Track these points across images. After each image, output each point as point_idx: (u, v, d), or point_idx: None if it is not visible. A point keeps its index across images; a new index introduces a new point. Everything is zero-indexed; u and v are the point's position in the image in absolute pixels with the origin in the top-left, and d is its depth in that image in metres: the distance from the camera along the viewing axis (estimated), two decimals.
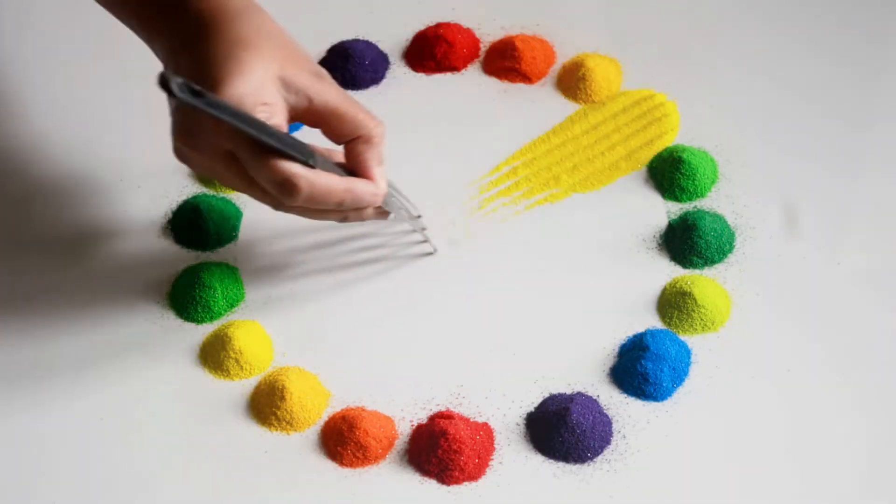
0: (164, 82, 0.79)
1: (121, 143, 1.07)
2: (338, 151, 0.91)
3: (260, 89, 0.86)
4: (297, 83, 0.87)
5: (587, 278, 0.98)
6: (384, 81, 1.09)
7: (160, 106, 1.08)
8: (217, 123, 0.84)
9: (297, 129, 0.99)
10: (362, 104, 0.89)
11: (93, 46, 1.12)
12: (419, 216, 0.98)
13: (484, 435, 0.91)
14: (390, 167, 1.03)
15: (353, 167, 0.90)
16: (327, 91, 0.88)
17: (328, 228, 1.01)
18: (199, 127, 0.85)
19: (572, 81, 1.07)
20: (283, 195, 0.85)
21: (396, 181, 0.96)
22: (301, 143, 0.86)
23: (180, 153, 0.88)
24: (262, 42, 0.87)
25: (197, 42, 0.88)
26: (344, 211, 0.90)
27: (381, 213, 0.93)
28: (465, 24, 1.11)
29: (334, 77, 1.08)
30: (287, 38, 0.89)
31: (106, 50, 1.12)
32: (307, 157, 0.86)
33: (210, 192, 1.04)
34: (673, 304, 0.96)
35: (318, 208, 0.89)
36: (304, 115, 0.88)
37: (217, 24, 0.88)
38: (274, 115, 0.86)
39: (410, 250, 0.99)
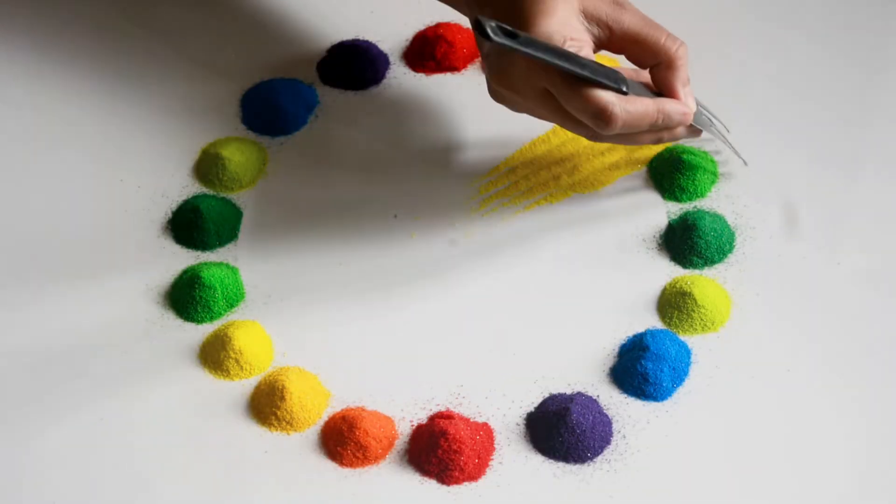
0: (479, 26, 0.84)
1: (121, 143, 1.07)
2: (644, 73, 0.95)
3: (566, 25, 0.90)
4: (597, 13, 0.92)
5: (587, 278, 0.98)
6: (384, 81, 1.09)
7: (160, 106, 1.09)
8: (530, 62, 0.88)
9: None
10: (663, 28, 0.93)
11: (93, 46, 1.12)
12: (728, 132, 1.00)
13: (484, 435, 0.91)
14: (391, 167, 1.03)
15: (659, 89, 0.94)
16: (626, 18, 0.92)
17: (328, 229, 1.01)
18: (513, 67, 0.90)
19: None
20: (599, 125, 0.89)
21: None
22: (613, 71, 0.90)
23: (497, 94, 0.93)
24: None
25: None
26: (657, 132, 0.94)
27: (694, 130, 0.96)
28: (465, 24, 1.11)
29: (335, 77, 1.09)
30: None
31: (106, 50, 1.12)
32: (620, 83, 0.90)
33: (210, 192, 1.04)
34: (673, 304, 0.96)
35: (633, 132, 0.92)
36: (608, 43, 0.93)
37: None
38: (582, 47, 0.90)
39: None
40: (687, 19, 1.11)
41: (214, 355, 0.95)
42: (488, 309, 0.97)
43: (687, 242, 0.98)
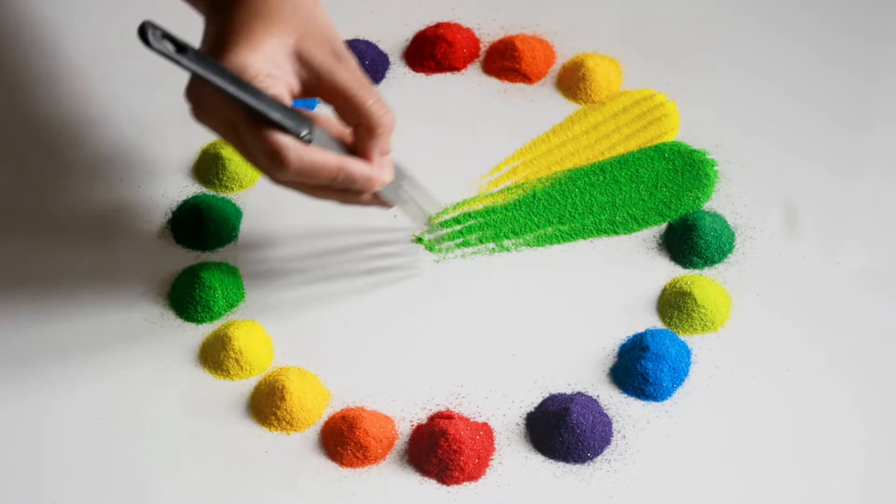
0: (142, 31, 0.80)
1: (121, 143, 1.07)
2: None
3: (267, 60, 0.86)
4: (311, 60, 0.87)
5: (587, 278, 0.98)
6: (384, 81, 1.09)
7: (160, 106, 1.09)
8: (218, 92, 0.85)
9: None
10: (375, 91, 0.88)
11: (93, 46, 1.12)
12: (429, 215, 0.97)
13: (484, 435, 0.91)
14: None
15: (357, 151, 0.90)
16: (339, 72, 0.88)
17: (328, 229, 1.01)
18: (203, 92, 0.86)
19: (572, 81, 1.07)
20: (272, 167, 0.86)
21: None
22: (298, 115, 0.86)
23: (194, 114, 0.88)
24: (284, 15, 0.87)
25: (226, 8, 0.89)
26: (339, 191, 0.90)
27: (380, 201, 0.92)
28: (465, 24, 1.11)
29: None
30: (315, 14, 0.89)
31: (106, 50, 1.12)
32: (301, 128, 0.86)
33: (210, 192, 1.04)
34: (673, 304, 0.96)
35: (311, 183, 0.88)
36: (316, 91, 0.89)
37: None
38: (274, 86, 0.86)
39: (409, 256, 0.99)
40: (687, 20, 1.12)
41: (214, 355, 0.95)
42: (488, 309, 0.97)
43: (687, 242, 0.98)
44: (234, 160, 1.04)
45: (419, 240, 1.00)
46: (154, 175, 1.05)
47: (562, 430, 0.90)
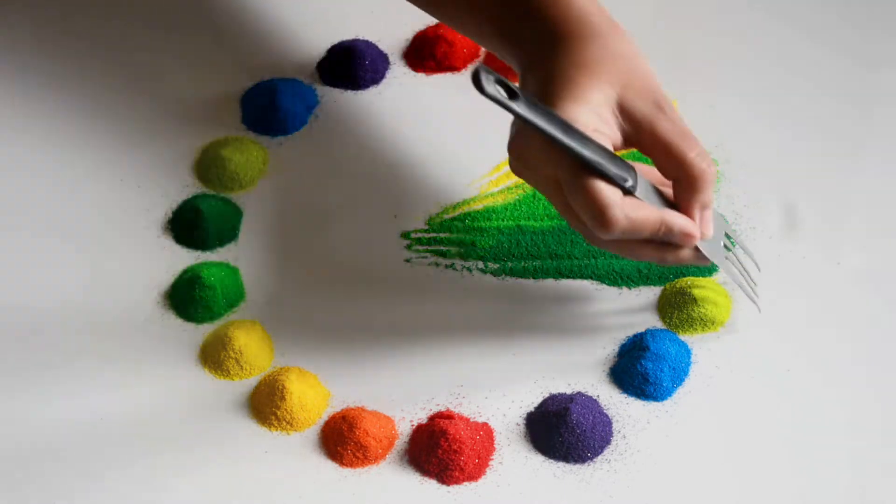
0: (475, 77, 0.79)
1: (121, 142, 1.07)
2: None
3: (592, 114, 0.84)
4: (634, 111, 0.86)
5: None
6: (384, 81, 1.09)
7: (160, 106, 1.09)
8: (546, 144, 0.83)
9: None
10: (697, 143, 0.86)
11: (93, 46, 1.12)
12: (754, 272, 0.95)
13: (484, 435, 0.91)
14: (391, 167, 1.03)
15: (676, 205, 0.88)
16: (661, 123, 0.85)
17: (328, 229, 1.01)
18: (529, 143, 0.84)
19: None
20: (596, 226, 0.84)
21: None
22: (624, 164, 0.84)
23: (514, 169, 0.87)
24: (607, 65, 0.86)
25: (545, 59, 0.87)
26: (659, 249, 0.87)
27: (701, 257, 0.89)
28: None
29: (335, 77, 1.09)
30: (637, 64, 0.88)
31: (107, 49, 1.12)
32: (626, 177, 0.84)
33: (210, 192, 1.04)
34: (673, 304, 0.96)
35: (632, 239, 0.86)
36: (637, 143, 0.87)
37: (568, 43, 0.87)
38: (601, 140, 0.84)
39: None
40: (687, 18, 1.12)
41: (214, 355, 0.95)
42: (488, 309, 0.97)
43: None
44: (234, 160, 1.04)
45: (418, 242, 1.00)
46: (154, 175, 1.05)
47: (562, 430, 0.90)
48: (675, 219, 0.86)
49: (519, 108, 0.81)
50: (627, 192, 0.84)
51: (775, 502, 0.88)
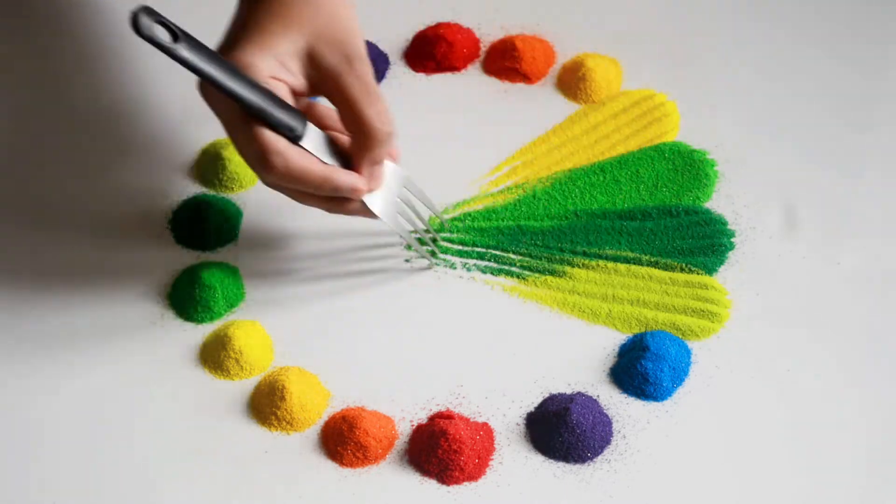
0: (134, 17, 0.79)
1: (121, 143, 1.07)
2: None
3: (271, 62, 0.87)
4: (321, 61, 0.88)
5: None
6: (384, 81, 1.09)
7: (161, 106, 1.09)
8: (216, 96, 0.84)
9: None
10: (379, 100, 0.88)
11: (94, 46, 1.12)
12: (414, 232, 0.96)
13: (484, 435, 0.91)
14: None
15: (351, 158, 0.90)
16: (346, 76, 0.87)
17: (328, 229, 1.01)
18: (207, 94, 0.87)
19: (572, 81, 1.07)
20: (258, 168, 0.86)
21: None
22: (293, 112, 0.85)
23: (205, 100, 0.88)
24: (304, 15, 0.87)
25: (247, 6, 0.89)
26: (324, 199, 0.90)
27: (368, 211, 0.92)
28: (465, 24, 1.11)
29: None
30: (338, 15, 0.89)
31: (107, 49, 1.12)
32: (295, 127, 0.85)
33: (210, 192, 1.04)
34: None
35: (296, 189, 0.88)
36: (324, 93, 0.89)
37: None
38: (276, 87, 0.86)
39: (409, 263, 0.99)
40: (686, 19, 1.12)
41: (214, 355, 0.95)
42: (488, 309, 0.97)
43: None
44: (234, 160, 1.04)
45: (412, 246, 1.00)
46: (154, 175, 1.05)
47: (562, 430, 0.90)
48: (341, 175, 0.88)
49: (179, 51, 0.81)
50: (294, 141, 0.86)
51: (775, 502, 0.88)
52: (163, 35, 0.80)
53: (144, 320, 0.98)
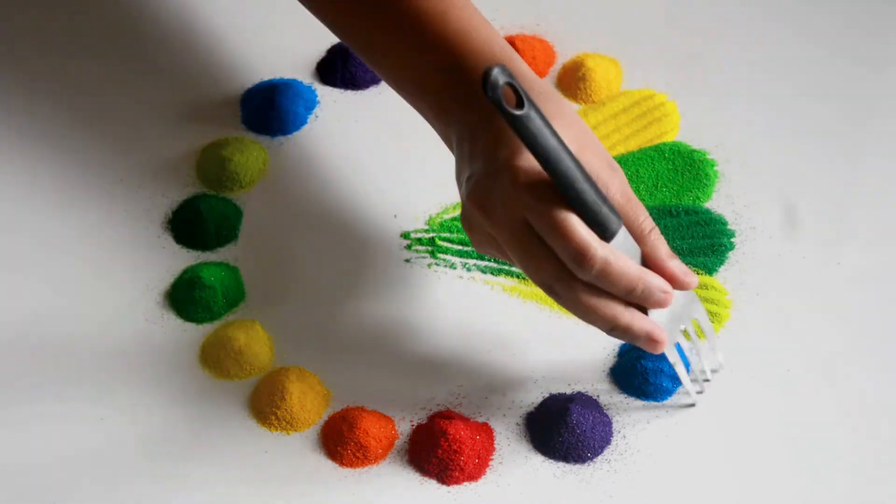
0: (486, 76, 0.74)
1: (121, 142, 1.07)
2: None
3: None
4: (591, 169, 0.83)
5: None
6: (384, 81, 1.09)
7: (161, 106, 1.09)
8: (516, 186, 0.81)
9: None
10: (641, 205, 0.85)
11: (94, 46, 1.12)
12: (699, 389, 0.92)
13: (484, 435, 0.91)
14: (391, 167, 1.03)
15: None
16: (614, 185, 0.84)
17: (328, 228, 1.01)
18: (496, 188, 0.82)
19: (572, 81, 1.07)
20: (574, 264, 0.81)
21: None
22: (613, 209, 0.82)
23: (467, 220, 0.85)
24: (564, 124, 0.83)
25: (495, 118, 0.84)
26: (619, 308, 0.84)
27: (653, 340, 0.85)
28: None
29: (335, 77, 1.09)
30: (586, 126, 0.86)
31: (107, 49, 1.12)
32: (610, 224, 0.81)
33: (210, 192, 1.04)
34: None
35: (602, 291, 0.83)
36: None
37: None
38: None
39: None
40: (686, 19, 1.12)
41: (214, 355, 0.95)
42: (488, 308, 0.97)
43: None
44: (234, 160, 1.04)
45: (418, 241, 1.00)
46: (154, 175, 1.05)
47: (562, 430, 0.90)
48: (654, 277, 0.84)
49: (525, 119, 0.77)
50: (605, 238, 0.82)
51: (775, 502, 0.88)
52: (510, 99, 0.76)
53: (144, 320, 0.98)
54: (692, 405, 0.91)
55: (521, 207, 0.82)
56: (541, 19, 1.12)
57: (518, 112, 0.77)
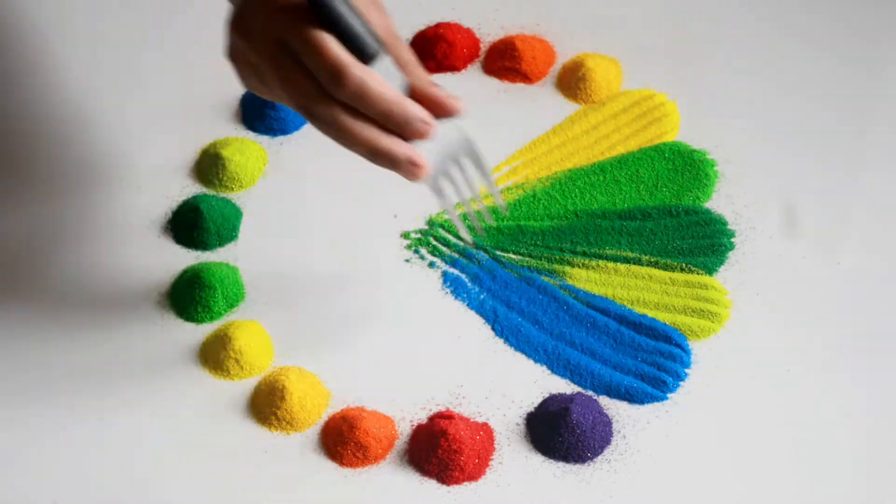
0: None
1: (121, 142, 1.07)
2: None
3: None
4: (356, 4, 0.83)
5: None
6: None
7: (160, 106, 1.09)
8: (276, 11, 0.81)
9: None
10: (406, 46, 0.85)
11: (94, 46, 1.12)
12: (460, 202, 0.89)
13: (484, 435, 0.91)
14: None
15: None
16: (375, 19, 0.84)
17: (328, 229, 1.01)
18: (257, 13, 0.83)
19: (572, 81, 1.07)
20: (329, 82, 0.81)
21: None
22: (374, 35, 0.82)
23: (233, 51, 0.85)
24: None
25: None
26: (379, 133, 0.83)
27: (415, 164, 0.84)
28: (465, 24, 1.11)
29: None
30: None
31: (106, 50, 1.12)
32: (371, 48, 0.81)
33: (210, 192, 1.04)
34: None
35: (361, 112, 0.82)
36: None
37: None
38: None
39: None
40: (686, 19, 1.12)
41: (214, 355, 0.95)
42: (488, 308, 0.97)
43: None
44: (234, 160, 1.04)
45: (417, 241, 1.00)
46: (154, 175, 1.05)
47: (562, 430, 0.90)
48: (416, 106, 0.83)
49: None
50: (364, 62, 0.82)
51: (775, 502, 0.88)
52: None
53: (144, 320, 0.98)
54: (470, 245, 0.90)
55: (279, 28, 0.81)
56: (541, 19, 1.12)
57: None
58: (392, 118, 0.83)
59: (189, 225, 1.01)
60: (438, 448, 0.90)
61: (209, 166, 1.04)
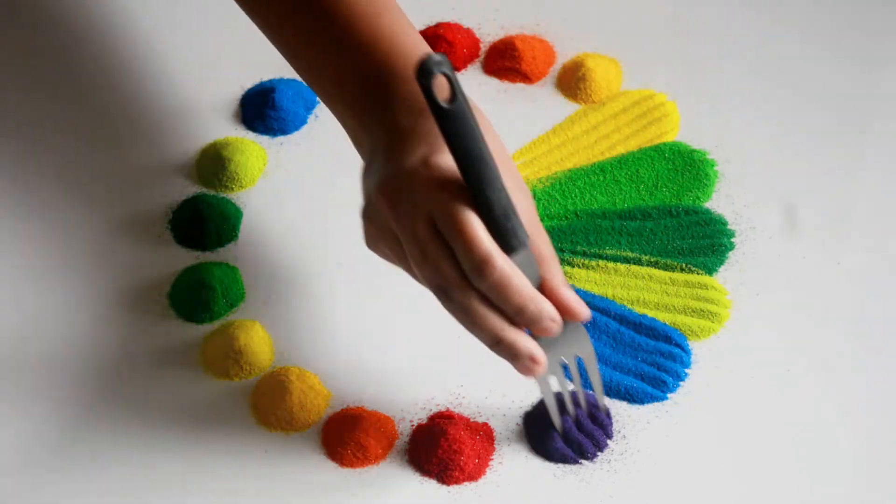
0: (424, 66, 0.71)
1: (121, 142, 1.07)
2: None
3: None
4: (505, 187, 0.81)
5: None
6: None
7: (160, 106, 1.09)
8: (431, 180, 0.79)
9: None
10: (546, 236, 0.83)
11: (93, 46, 1.12)
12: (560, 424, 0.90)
13: (484, 435, 0.91)
14: None
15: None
16: (522, 206, 0.82)
17: (328, 228, 1.01)
18: (410, 185, 0.80)
19: (572, 81, 1.07)
20: (473, 272, 0.79)
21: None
22: (522, 226, 0.79)
23: (371, 212, 0.83)
24: (489, 134, 0.81)
25: (421, 115, 0.82)
26: (505, 326, 0.82)
27: (534, 361, 0.83)
28: (465, 24, 1.11)
29: None
30: (505, 147, 0.84)
31: (106, 49, 1.12)
32: (519, 239, 0.79)
33: (210, 192, 1.04)
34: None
35: (493, 303, 0.81)
36: None
37: None
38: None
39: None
40: (686, 19, 1.12)
41: (214, 355, 0.95)
42: None
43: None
44: (234, 160, 1.04)
45: None
46: (154, 175, 1.05)
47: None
48: (547, 304, 0.82)
49: (452, 113, 0.75)
50: (508, 252, 0.80)
51: (775, 502, 0.88)
52: (441, 89, 0.74)
53: (144, 320, 0.98)
54: (557, 431, 0.90)
55: (431, 204, 0.80)
56: (541, 19, 1.12)
57: (449, 106, 0.76)
58: (524, 315, 0.82)
59: (189, 225, 1.01)
60: (438, 448, 0.90)
61: (209, 166, 1.04)
